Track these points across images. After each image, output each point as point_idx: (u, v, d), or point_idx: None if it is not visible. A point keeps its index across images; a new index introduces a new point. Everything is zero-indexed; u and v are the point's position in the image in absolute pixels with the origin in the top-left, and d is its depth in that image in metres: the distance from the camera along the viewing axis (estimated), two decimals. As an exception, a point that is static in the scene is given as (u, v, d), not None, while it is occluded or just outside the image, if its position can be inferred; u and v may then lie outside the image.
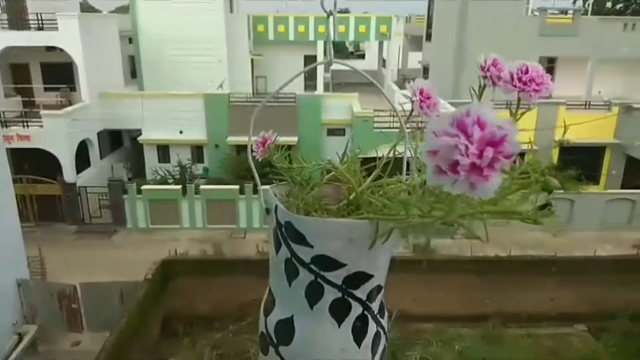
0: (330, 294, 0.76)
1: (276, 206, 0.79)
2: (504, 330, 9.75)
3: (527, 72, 0.77)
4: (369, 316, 0.79)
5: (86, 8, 21.38)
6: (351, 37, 23.50)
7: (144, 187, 15.47)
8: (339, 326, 0.77)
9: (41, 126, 15.21)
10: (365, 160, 0.92)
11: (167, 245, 12.65)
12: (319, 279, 0.76)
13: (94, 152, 17.21)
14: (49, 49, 17.49)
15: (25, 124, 15.39)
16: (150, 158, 17.91)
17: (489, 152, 0.45)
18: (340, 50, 38.64)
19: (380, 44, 24.86)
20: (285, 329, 0.80)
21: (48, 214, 15.45)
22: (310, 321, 0.78)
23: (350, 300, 0.76)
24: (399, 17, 29.89)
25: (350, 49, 41.73)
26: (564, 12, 21.64)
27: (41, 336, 10.65)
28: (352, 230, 0.73)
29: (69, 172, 15.51)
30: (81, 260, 13.07)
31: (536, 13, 20.82)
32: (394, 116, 16.71)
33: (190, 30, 19.42)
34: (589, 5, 27.38)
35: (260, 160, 0.99)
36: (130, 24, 20.05)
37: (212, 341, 9.19)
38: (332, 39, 0.85)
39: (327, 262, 0.74)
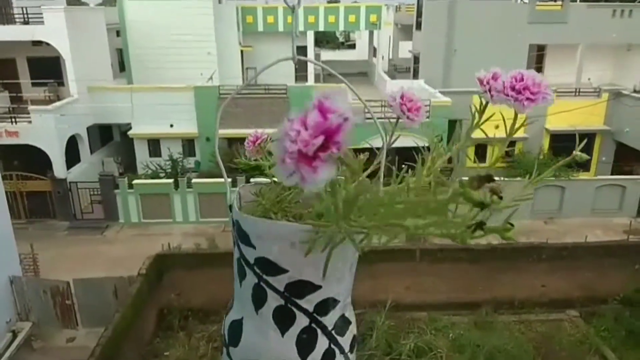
0: (274, 300, 0.72)
1: (230, 205, 0.77)
2: (496, 317, 9.85)
3: (521, 79, 0.72)
4: (319, 330, 0.73)
5: (72, 1, 21.09)
6: (341, 27, 23.38)
7: (135, 181, 15.38)
8: (282, 335, 0.73)
9: (30, 122, 15.04)
10: (356, 152, 0.87)
11: (160, 239, 12.61)
12: (262, 283, 0.72)
13: (84, 147, 17.06)
14: (35, 44, 17.25)
15: (13, 120, 15.21)
16: (141, 152, 17.79)
17: (318, 140, 0.41)
18: (330, 40, 38.45)
19: (371, 34, 24.78)
20: (236, 331, 0.78)
21: (39, 211, 15.34)
22: (255, 325, 0.75)
23: (294, 309, 0.71)
24: (389, 6, 29.79)
25: (341, 39, 41.54)
26: (553, -1, 21.68)
27: (36, 333, 10.62)
28: (292, 234, 0.68)
29: (59, 168, 15.37)
30: (74, 256, 13.00)
31: (526, 0, 20.82)
32: (384, 106, 16.70)
33: (178, 22, 19.23)
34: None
35: (251, 158, 0.97)
36: (117, 16, 19.82)
37: (208, 334, 9.21)
38: (296, 35, 0.81)
39: (268, 266, 0.71)
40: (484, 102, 0.80)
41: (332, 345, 0.74)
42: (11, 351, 9.91)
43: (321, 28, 22.27)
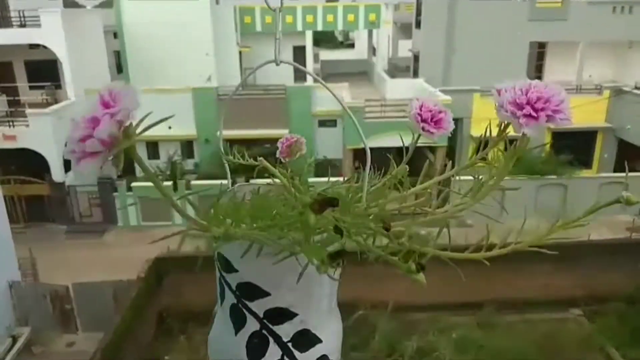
0: (229, 299, 0.71)
1: None
2: (499, 317, 9.77)
3: (525, 92, 0.60)
4: (271, 339, 0.70)
5: (69, 3, 21.03)
6: (340, 26, 23.30)
7: (134, 184, 15.29)
8: (235, 334, 0.71)
9: (27, 125, 14.97)
10: (357, 152, 0.81)
11: (160, 243, 12.53)
12: (221, 279, 0.72)
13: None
14: (32, 47, 17.18)
15: (11, 123, 15.15)
16: (140, 155, 17.66)
17: (86, 132, 0.42)
18: (329, 40, 38.36)
19: (370, 33, 24.71)
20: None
21: (37, 215, 15.27)
22: (220, 319, 0.75)
23: (244, 311, 0.69)
24: (388, 5, 29.71)
25: (340, 38, 41.47)
26: (553, -4, 21.57)
27: (35, 338, 10.56)
28: (238, 249, 0.67)
29: (57, 172, 15.30)
30: (73, 260, 12.93)
31: (525, -2, 20.73)
32: (384, 106, 16.63)
33: (175, 24, 19.16)
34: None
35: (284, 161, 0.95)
36: (114, 18, 19.75)
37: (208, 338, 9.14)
38: (279, 37, 0.75)
39: (225, 264, 0.71)
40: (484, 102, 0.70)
41: (286, 358, 0.70)
42: (11, 356, 9.87)
43: (320, 27, 22.18)
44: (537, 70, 20.99)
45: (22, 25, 16.30)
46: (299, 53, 22.07)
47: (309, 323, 0.69)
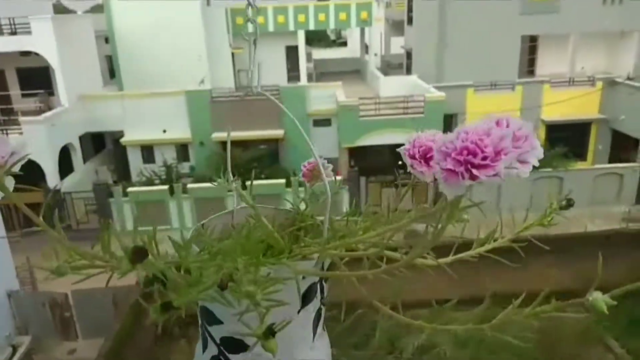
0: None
1: None
2: (499, 311, 9.80)
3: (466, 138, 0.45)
4: None
5: (60, 9, 20.93)
6: (332, 25, 23.27)
7: (129, 189, 15.25)
8: (203, 352, 0.69)
9: (21, 133, 14.90)
10: (352, 150, 0.75)
11: (158, 246, 12.51)
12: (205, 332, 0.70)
13: (76, 157, 16.92)
14: (23, 54, 17.10)
15: (4, 132, 15.07)
16: (135, 159, 17.67)
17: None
18: (321, 38, 38.35)
19: (362, 31, 24.70)
20: None
21: (34, 222, 15.19)
22: None
23: (205, 332, 0.67)
24: (379, 2, 29.71)
25: (332, 37, 41.47)
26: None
27: (35, 346, 10.52)
28: None
29: (52, 179, 15.24)
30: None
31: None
32: (378, 104, 16.63)
33: (167, 27, 19.10)
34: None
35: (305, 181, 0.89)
36: (105, 23, 19.67)
37: (209, 341, 9.14)
38: (254, 67, 0.75)
39: (209, 314, 0.70)
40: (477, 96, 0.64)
41: None
42: (11, 366, 9.83)
43: (311, 27, 22.15)
44: (529, 64, 21.03)
45: (13, 33, 16.21)
46: (292, 53, 22.04)
47: None
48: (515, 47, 19.78)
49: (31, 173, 15.01)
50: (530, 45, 20.97)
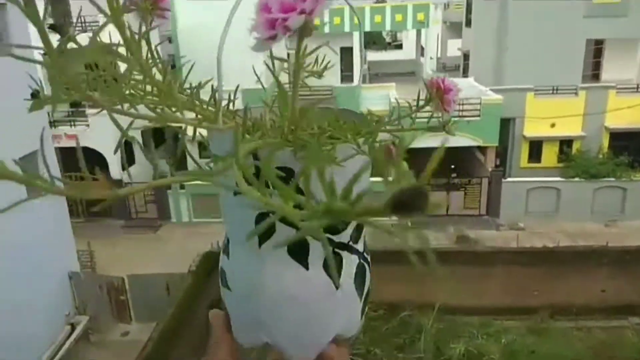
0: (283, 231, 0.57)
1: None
2: (552, 323, 9.42)
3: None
4: (345, 253, 0.60)
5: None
6: (387, 26, 23.14)
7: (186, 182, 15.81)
8: (307, 268, 0.58)
9: (87, 125, 15.75)
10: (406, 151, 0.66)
11: (210, 238, 12.88)
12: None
13: (138, 150, 17.71)
14: (92, 50, 18.04)
15: (72, 123, 15.98)
16: (193, 153, 18.23)
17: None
18: (377, 41, 38.18)
19: (418, 33, 24.43)
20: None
21: (97, 210, 16.01)
22: (265, 261, 0.60)
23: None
24: (437, 4, 29.24)
25: (388, 39, 41.19)
26: (612, -9, 20.59)
27: (92, 326, 11.08)
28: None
29: (115, 169, 16.01)
30: (128, 253, 13.50)
31: (582, -6, 19.89)
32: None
33: (221, 22, 19.62)
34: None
35: None
36: (170, 24, 20.47)
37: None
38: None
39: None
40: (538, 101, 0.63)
41: (361, 260, 0.62)
42: (70, 343, 10.39)
43: (367, 28, 22.14)
44: (594, 67, 20.08)
45: (84, 31, 17.17)
46: (346, 54, 22.11)
47: None
48: (580, 51, 18.95)
49: (95, 163, 15.81)
50: (596, 48, 20.03)
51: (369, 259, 0.64)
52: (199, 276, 10.18)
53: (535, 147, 17.78)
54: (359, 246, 0.61)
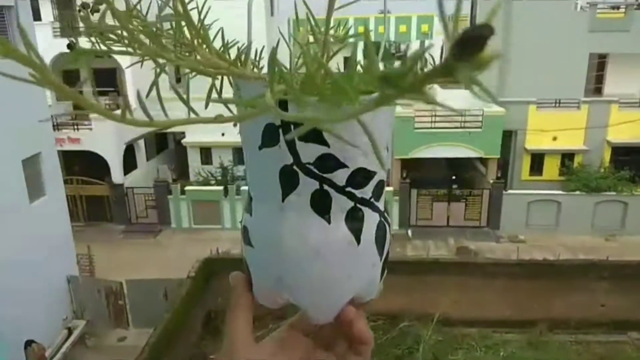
0: (309, 185, 0.57)
1: None
2: (552, 337, 9.37)
3: None
4: (366, 209, 0.60)
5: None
6: (391, 37, 23.30)
7: (187, 188, 15.82)
8: (329, 222, 0.58)
9: (91, 129, 15.81)
10: (406, 162, 0.63)
11: (210, 244, 12.87)
12: (294, 166, 0.57)
13: (140, 155, 17.75)
14: (97, 55, 18.13)
15: (75, 127, 16.04)
16: (194, 160, 18.31)
17: None
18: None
19: (422, 44, 24.54)
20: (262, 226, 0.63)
21: (97, 214, 16.02)
22: (289, 214, 0.59)
23: (329, 190, 0.57)
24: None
25: (391, 50, 41.46)
26: (616, 7, 20.69)
27: (89, 331, 11.04)
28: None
29: (117, 174, 16.04)
30: (127, 258, 13.47)
31: (586, 8, 19.99)
32: (434, 116, 16.43)
33: (232, 34, 19.73)
34: (642, -1, 26.12)
35: None
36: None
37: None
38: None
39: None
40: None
41: (382, 219, 0.62)
42: (66, 347, 10.35)
43: (372, 39, 22.28)
44: (596, 81, 20.13)
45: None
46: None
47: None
48: (583, 64, 19.00)
49: (97, 167, 15.87)
50: (599, 62, 20.07)
51: (389, 220, 0.64)
52: (197, 282, 10.17)
53: (537, 160, 17.78)
54: (380, 205, 0.61)
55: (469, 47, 0.29)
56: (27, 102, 9.13)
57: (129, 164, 16.91)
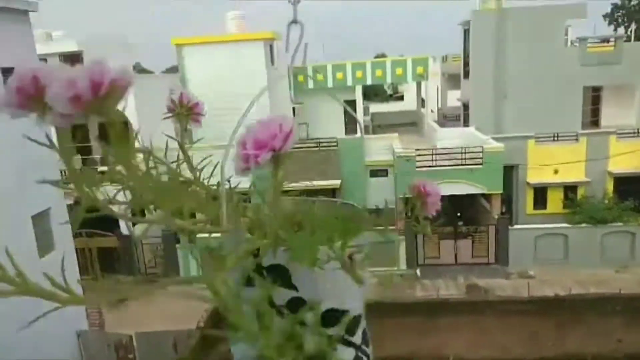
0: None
1: None
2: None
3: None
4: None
5: (140, 70, 22.84)
6: (388, 79, 23.89)
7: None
8: None
9: (99, 183, 16.03)
10: (407, 201, 0.74)
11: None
12: None
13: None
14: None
15: (83, 181, 16.28)
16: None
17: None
18: (378, 93, 39.17)
19: (418, 85, 25.15)
20: None
21: (106, 266, 16.04)
22: None
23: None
24: (435, 57, 30.20)
25: (389, 91, 42.23)
26: (606, 40, 21.29)
27: (100, 387, 10.88)
28: None
29: (124, 225, 16.14)
30: (137, 309, 13.40)
31: (576, 44, 20.57)
32: (435, 154, 16.67)
33: (233, 84, 20.28)
34: (631, 31, 26.86)
35: None
36: (180, 81, 21.20)
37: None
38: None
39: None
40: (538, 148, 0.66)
41: (358, 353, 0.64)
42: (77, 405, 10.19)
43: (369, 82, 22.84)
44: (593, 114, 20.46)
45: (97, 91, 17.81)
46: (350, 107, 22.44)
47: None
48: (577, 98, 19.40)
49: (106, 219, 15.97)
50: (594, 95, 20.49)
51: (368, 351, 0.65)
52: (206, 332, 10.11)
53: (540, 194, 17.87)
54: (356, 339, 0.63)
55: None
56: (37, 159, 9.36)
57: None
